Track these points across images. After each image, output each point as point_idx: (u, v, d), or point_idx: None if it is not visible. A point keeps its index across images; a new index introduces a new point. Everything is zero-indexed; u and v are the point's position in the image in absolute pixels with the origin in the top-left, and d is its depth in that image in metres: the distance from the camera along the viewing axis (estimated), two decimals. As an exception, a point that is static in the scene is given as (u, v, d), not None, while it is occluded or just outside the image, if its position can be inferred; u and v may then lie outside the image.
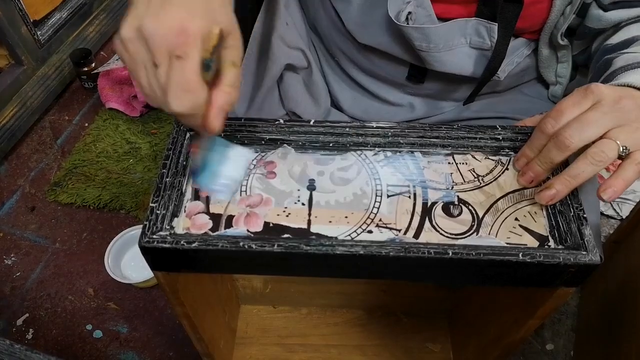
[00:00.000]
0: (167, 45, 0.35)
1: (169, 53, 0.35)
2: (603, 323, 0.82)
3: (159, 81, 0.36)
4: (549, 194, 0.42)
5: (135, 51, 0.37)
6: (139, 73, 0.38)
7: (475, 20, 0.57)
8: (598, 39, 0.59)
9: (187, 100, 0.36)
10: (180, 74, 0.35)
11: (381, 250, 0.40)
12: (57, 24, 1.31)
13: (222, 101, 0.38)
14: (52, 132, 1.29)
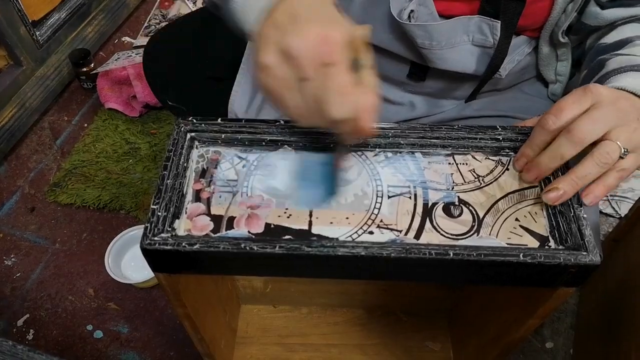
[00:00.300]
0: (316, 57, 0.36)
1: (318, 64, 0.36)
2: (602, 321, 0.82)
3: (311, 95, 0.37)
4: (555, 195, 0.42)
5: (281, 74, 0.38)
6: (287, 96, 0.39)
7: (478, 18, 0.57)
8: (592, 36, 0.60)
9: (347, 102, 0.36)
10: (334, 80, 0.36)
11: (382, 251, 0.40)
12: (56, 24, 1.31)
13: (373, 101, 0.38)
14: (51, 132, 1.29)
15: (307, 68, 0.36)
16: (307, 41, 0.36)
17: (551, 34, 0.60)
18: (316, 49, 0.36)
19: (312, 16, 0.38)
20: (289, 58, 0.37)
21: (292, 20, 0.38)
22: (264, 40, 0.39)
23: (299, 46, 0.36)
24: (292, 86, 0.38)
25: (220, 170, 0.47)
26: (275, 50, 0.38)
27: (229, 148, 0.49)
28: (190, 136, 0.48)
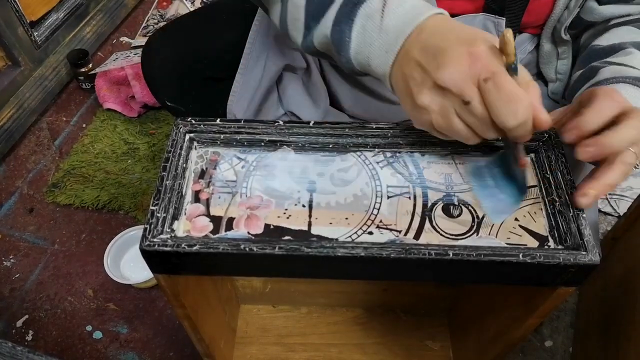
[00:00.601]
0: (469, 78, 0.36)
1: (474, 84, 0.36)
2: (601, 319, 0.83)
3: (479, 114, 0.37)
4: (588, 201, 0.41)
5: (440, 107, 0.38)
6: (454, 123, 0.39)
7: (483, 16, 0.57)
8: (587, 33, 0.60)
9: (519, 107, 0.36)
10: (500, 90, 0.36)
11: (382, 251, 0.40)
12: (54, 24, 1.31)
13: (537, 95, 0.38)
14: (49, 133, 1.29)
15: (467, 91, 0.37)
16: (456, 67, 0.37)
17: (553, 32, 0.60)
18: (468, 71, 0.36)
19: (447, 42, 0.38)
20: (445, 91, 0.38)
21: (431, 53, 0.38)
22: (412, 82, 0.40)
23: (451, 76, 0.37)
24: (458, 113, 0.38)
25: (220, 171, 0.47)
26: (428, 89, 0.38)
27: (228, 149, 0.49)
28: (189, 137, 0.48)
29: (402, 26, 0.41)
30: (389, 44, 0.41)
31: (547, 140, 0.47)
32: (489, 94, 0.36)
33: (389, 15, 0.42)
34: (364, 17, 0.43)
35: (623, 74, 0.48)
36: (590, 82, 0.51)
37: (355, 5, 0.44)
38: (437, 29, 0.40)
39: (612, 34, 0.56)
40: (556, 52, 0.62)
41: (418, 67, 0.39)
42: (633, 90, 0.47)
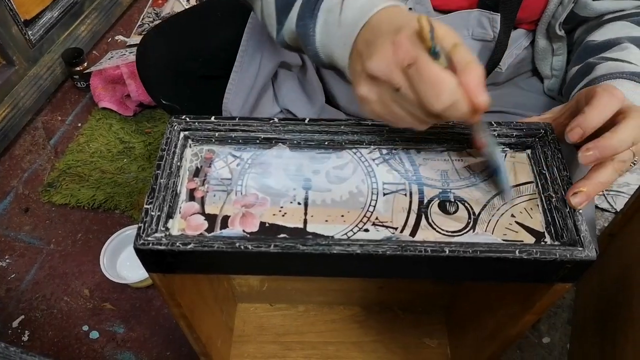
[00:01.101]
0: (394, 65, 0.37)
1: (400, 70, 0.37)
2: (598, 315, 0.83)
3: (409, 100, 0.38)
4: (581, 200, 0.41)
5: (377, 95, 0.39)
6: (394, 110, 0.39)
7: (478, 12, 0.57)
8: (581, 28, 0.60)
9: (443, 91, 0.36)
10: (422, 75, 0.36)
11: (378, 249, 0.40)
12: (49, 23, 1.30)
13: (474, 76, 0.37)
14: (45, 132, 1.28)
15: (394, 78, 0.37)
16: (381, 56, 0.38)
17: (548, 27, 0.60)
18: (392, 59, 0.37)
19: (378, 33, 0.39)
20: (377, 80, 0.39)
21: (368, 45, 0.40)
22: (353, 73, 0.42)
23: (378, 65, 0.38)
24: (394, 100, 0.39)
25: (214, 169, 0.47)
26: (364, 80, 0.40)
27: (223, 146, 0.48)
28: (184, 135, 0.48)
29: (356, 19, 0.42)
30: (346, 36, 0.42)
31: (543, 136, 0.47)
32: (413, 79, 0.37)
33: (347, 9, 0.43)
34: (325, 11, 0.44)
35: (619, 70, 0.48)
36: (586, 78, 0.51)
37: (317, 0, 0.45)
38: (380, 22, 0.41)
39: (606, 29, 0.56)
40: (551, 48, 0.62)
41: (359, 59, 0.40)
42: (630, 85, 0.46)
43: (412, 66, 0.36)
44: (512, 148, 0.48)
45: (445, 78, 0.36)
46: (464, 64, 0.37)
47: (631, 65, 0.49)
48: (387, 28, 0.39)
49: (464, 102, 0.37)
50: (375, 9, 0.41)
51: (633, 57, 0.50)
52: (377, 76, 0.38)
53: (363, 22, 0.41)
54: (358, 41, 0.41)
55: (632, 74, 0.48)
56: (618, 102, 0.40)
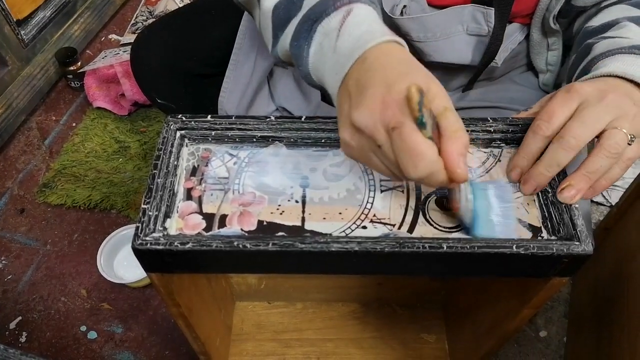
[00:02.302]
0: (379, 124, 0.36)
1: (385, 130, 0.36)
2: (595, 309, 0.83)
3: (389, 159, 0.37)
4: (571, 194, 0.42)
5: (359, 145, 0.39)
6: (373, 161, 0.39)
7: (472, 7, 0.57)
8: (580, 18, 0.60)
9: (420, 162, 0.36)
10: (403, 142, 0.35)
11: (376, 246, 0.40)
12: (41, 22, 1.29)
13: (458, 147, 0.37)
14: (39, 132, 1.28)
15: (377, 137, 0.37)
16: (368, 112, 0.37)
17: (542, 20, 0.59)
18: (378, 117, 0.36)
19: (373, 80, 0.37)
20: (360, 131, 0.38)
21: (357, 88, 0.38)
22: (339, 113, 0.40)
23: (362, 119, 0.37)
24: (374, 152, 0.39)
25: (211, 167, 0.47)
26: (347, 125, 0.39)
27: (219, 145, 0.48)
28: (180, 134, 0.48)
29: (352, 50, 0.40)
30: (339, 65, 0.41)
31: (539, 131, 0.47)
32: (394, 143, 0.36)
33: (344, 36, 0.41)
34: (322, 34, 0.43)
35: (617, 45, 0.47)
36: (586, 59, 0.50)
37: (315, 22, 0.43)
38: (376, 62, 0.39)
39: (604, 14, 0.55)
40: (546, 42, 0.62)
41: (348, 100, 0.39)
42: (630, 59, 0.45)
43: (395, 130, 0.36)
44: (508, 144, 0.48)
45: (425, 151, 0.35)
46: (450, 132, 0.37)
47: (629, 39, 0.48)
48: (380, 77, 0.37)
49: (441, 174, 0.37)
50: (373, 42, 0.39)
51: (632, 34, 0.49)
52: (361, 129, 0.37)
53: (358, 54, 0.39)
54: (350, 75, 0.40)
55: (631, 47, 0.47)
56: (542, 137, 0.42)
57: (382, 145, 0.37)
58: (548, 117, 0.42)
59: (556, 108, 0.42)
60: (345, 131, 0.39)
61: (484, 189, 0.43)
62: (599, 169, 0.41)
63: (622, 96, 0.42)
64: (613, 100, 0.41)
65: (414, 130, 0.35)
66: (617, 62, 0.45)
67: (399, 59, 0.39)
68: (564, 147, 0.41)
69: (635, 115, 0.41)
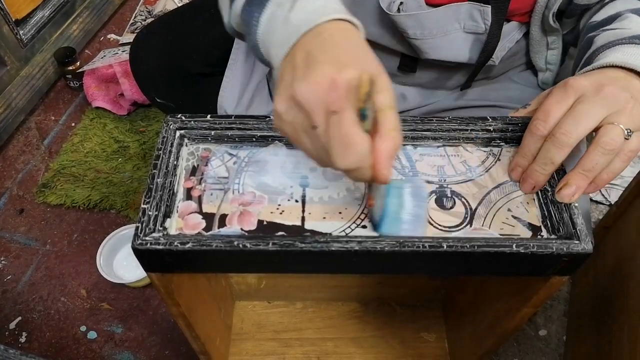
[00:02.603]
0: (322, 104, 0.34)
1: (324, 111, 0.34)
2: (594, 307, 0.83)
3: (321, 143, 0.35)
4: (569, 192, 0.42)
5: (293, 120, 0.36)
6: (302, 140, 0.37)
7: (468, 4, 0.56)
8: (585, 16, 0.59)
9: (351, 154, 0.34)
10: (339, 128, 0.34)
11: (376, 245, 0.40)
12: (40, 22, 1.29)
13: (389, 148, 0.36)
14: (38, 132, 1.28)
15: (314, 115, 0.35)
16: (314, 87, 0.35)
17: (542, 18, 0.59)
18: (322, 96, 0.34)
19: (325, 56, 0.36)
20: (299, 106, 0.36)
21: (306, 61, 0.36)
22: (279, 83, 0.38)
23: (305, 94, 0.35)
24: (305, 132, 0.37)
25: (211, 167, 0.47)
26: (286, 97, 0.36)
27: (219, 145, 0.48)
28: (180, 134, 0.47)
29: (303, 22, 0.38)
30: (287, 36, 0.39)
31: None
32: (331, 127, 0.34)
33: (297, 8, 0.40)
34: (275, 4, 0.41)
35: (618, 37, 0.47)
36: (587, 52, 0.50)
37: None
38: (331, 39, 0.37)
39: (608, 8, 0.55)
40: (546, 41, 0.62)
41: (292, 72, 0.37)
42: (631, 49, 0.45)
43: (334, 114, 0.34)
44: (507, 142, 0.48)
45: (358, 143, 0.34)
46: (386, 130, 0.35)
47: (630, 30, 0.48)
48: (334, 55, 0.36)
49: (368, 171, 0.36)
50: (327, 17, 0.38)
51: (633, 24, 0.48)
52: (300, 103, 0.35)
53: (309, 27, 0.38)
54: (299, 47, 0.38)
55: (632, 37, 0.46)
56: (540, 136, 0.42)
57: (317, 127, 0.35)
58: (544, 116, 0.42)
59: (552, 106, 0.42)
60: (282, 103, 0.36)
61: (399, 188, 0.43)
62: (595, 166, 0.40)
63: (619, 89, 0.41)
64: (610, 93, 0.41)
65: (354, 119, 0.34)
66: (617, 52, 0.45)
67: (356, 42, 0.38)
68: (556, 144, 0.41)
69: (632, 109, 0.41)
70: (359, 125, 0.34)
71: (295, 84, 0.35)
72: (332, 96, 0.34)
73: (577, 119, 0.40)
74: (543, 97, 0.46)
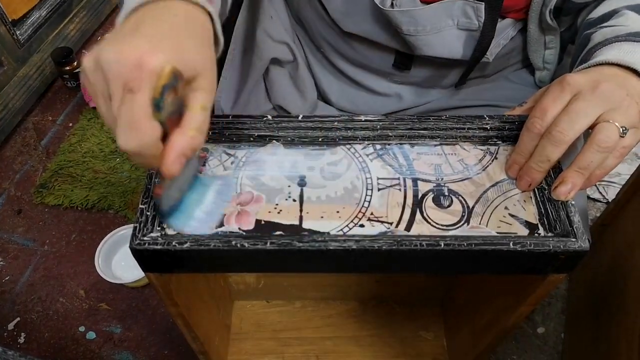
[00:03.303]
0: (121, 78, 0.33)
1: (122, 87, 0.33)
2: (592, 305, 0.84)
3: (112, 113, 0.34)
4: (565, 189, 0.42)
5: (95, 81, 0.35)
6: (99, 104, 0.36)
7: (462, 1, 0.56)
8: (582, 13, 0.59)
9: (133, 138, 0.33)
10: (129, 109, 0.33)
11: (374, 244, 0.40)
12: (37, 22, 1.29)
13: (183, 145, 0.35)
14: (35, 133, 1.27)
15: (112, 86, 0.33)
16: (119, 60, 0.33)
17: (540, 16, 0.59)
18: (124, 71, 0.33)
19: (150, 30, 0.34)
20: (100, 69, 0.34)
21: (130, 29, 0.35)
22: (102, 40, 0.35)
23: (109, 62, 0.33)
24: (104, 97, 0.35)
25: (209, 167, 0.47)
26: (93, 57, 0.34)
27: (216, 145, 0.48)
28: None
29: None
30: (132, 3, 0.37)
31: (535, 128, 0.47)
32: (122, 104, 0.33)
33: None
34: None
35: (615, 34, 0.47)
36: (585, 50, 0.50)
37: None
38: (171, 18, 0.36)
39: (604, 5, 0.55)
40: (544, 40, 0.62)
41: (114, 34, 0.35)
42: (627, 46, 0.45)
43: (129, 94, 0.33)
44: (504, 141, 0.48)
45: (143, 128, 0.33)
46: (187, 129, 0.35)
47: (627, 27, 0.48)
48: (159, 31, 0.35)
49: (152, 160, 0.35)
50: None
51: (631, 22, 0.48)
52: (102, 69, 0.33)
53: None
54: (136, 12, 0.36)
55: (629, 34, 0.46)
56: (537, 133, 0.42)
57: (112, 99, 0.34)
58: (541, 113, 0.42)
59: (549, 103, 0.42)
60: (89, 59, 0.34)
61: (205, 185, 0.43)
62: (591, 164, 0.41)
63: (615, 86, 0.41)
64: (605, 90, 0.41)
65: (145, 104, 0.33)
66: (614, 50, 0.45)
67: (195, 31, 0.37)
68: (552, 142, 0.41)
69: (628, 107, 0.41)
70: (150, 113, 0.33)
71: (105, 47, 0.34)
72: (133, 75, 0.33)
73: (573, 117, 0.40)
74: (540, 94, 0.46)
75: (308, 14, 0.69)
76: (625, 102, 0.41)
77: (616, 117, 0.40)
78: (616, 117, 0.40)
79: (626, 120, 0.40)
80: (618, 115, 0.40)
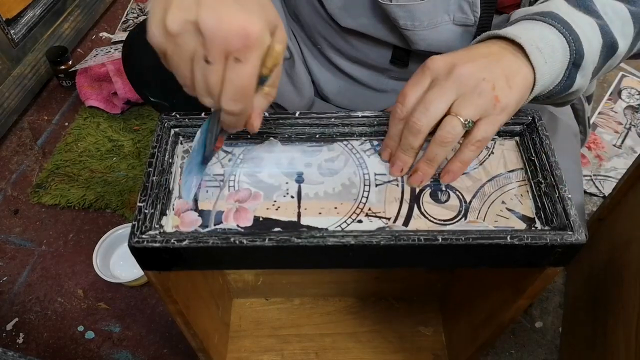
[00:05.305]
0: (228, 46, 0.34)
1: (226, 53, 0.34)
2: (590, 299, 0.84)
3: (211, 79, 0.35)
4: (416, 178, 0.44)
5: (184, 45, 0.35)
6: (183, 66, 0.36)
7: None
8: None
9: (239, 104, 0.37)
10: (238, 78, 0.35)
11: (372, 239, 0.40)
12: (31, 22, 1.28)
13: (264, 106, 0.39)
14: (31, 133, 1.27)
15: (215, 52, 0.34)
16: (225, 27, 0.33)
17: None
18: (231, 39, 0.33)
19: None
20: (198, 34, 0.34)
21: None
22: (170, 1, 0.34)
23: (214, 27, 0.33)
24: (193, 60, 0.35)
25: (206, 164, 0.47)
26: (186, 19, 0.34)
27: (214, 142, 0.48)
28: (174, 132, 0.48)
29: None
30: None
31: (530, 123, 0.47)
32: (230, 71, 0.35)
33: None
34: None
35: (522, 13, 0.47)
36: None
37: None
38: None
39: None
40: None
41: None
42: (528, 24, 0.45)
43: (237, 62, 0.34)
44: (500, 136, 0.48)
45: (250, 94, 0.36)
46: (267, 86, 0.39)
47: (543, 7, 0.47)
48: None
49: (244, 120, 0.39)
50: None
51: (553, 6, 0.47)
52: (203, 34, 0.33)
53: None
54: None
55: (536, 13, 0.46)
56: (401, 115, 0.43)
57: (212, 64, 0.34)
58: (402, 98, 0.43)
59: (409, 88, 0.42)
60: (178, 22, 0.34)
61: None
62: (436, 156, 0.42)
63: (473, 69, 0.41)
64: (460, 75, 0.41)
65: (253, 77, 0.35)
66: (513, 26, 0.45)
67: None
68: (411, 131, 0.42)
69: (481, 93, 0.40)
70: (255, 84, 0.36)
71: (204, 12, 0.33)
72: (241, 45, 0.34)
73: (426, 106, 0.41)
74: None
75: (305, 10, 0.69)
76: (480, 87, 0.41)
77: (461, 110, 0.41)
78: (461, 110, 0.41)
79: (474, 111, 0.41)
80: (464, 107, 0.41)
